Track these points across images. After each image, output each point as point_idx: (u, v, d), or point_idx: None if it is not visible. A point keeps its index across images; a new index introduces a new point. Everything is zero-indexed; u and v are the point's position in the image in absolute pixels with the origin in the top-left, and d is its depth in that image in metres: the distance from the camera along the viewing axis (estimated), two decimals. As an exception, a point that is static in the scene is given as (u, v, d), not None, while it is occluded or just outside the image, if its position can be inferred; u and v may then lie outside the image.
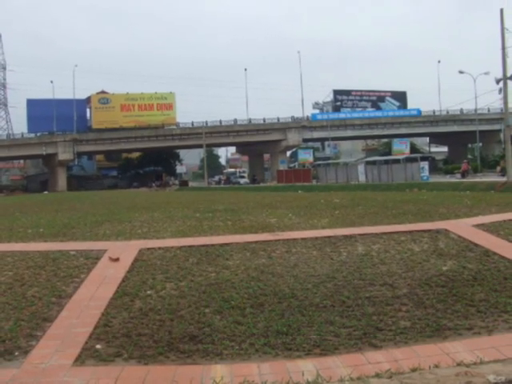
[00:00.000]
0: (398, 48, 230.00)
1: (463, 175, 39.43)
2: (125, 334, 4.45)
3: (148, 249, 7.29)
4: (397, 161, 40.79)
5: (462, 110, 76.73)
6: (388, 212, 11.65)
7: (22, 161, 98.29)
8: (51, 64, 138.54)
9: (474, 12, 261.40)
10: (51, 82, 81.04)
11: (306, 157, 75.25)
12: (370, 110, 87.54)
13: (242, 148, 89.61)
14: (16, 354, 4.13)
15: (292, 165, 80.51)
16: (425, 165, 36.51)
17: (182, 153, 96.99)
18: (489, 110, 70.08)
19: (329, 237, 7.81)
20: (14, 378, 3.68)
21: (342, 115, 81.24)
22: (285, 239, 7.72)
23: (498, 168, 41.87)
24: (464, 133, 75.40)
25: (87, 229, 10.32)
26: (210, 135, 71.98)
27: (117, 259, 6.66)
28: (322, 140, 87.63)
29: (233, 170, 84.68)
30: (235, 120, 77.85)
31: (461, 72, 56.08)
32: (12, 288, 5.66)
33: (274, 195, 25.17)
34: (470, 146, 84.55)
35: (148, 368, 3.86)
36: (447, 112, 78.25)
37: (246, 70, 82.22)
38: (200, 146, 72.79)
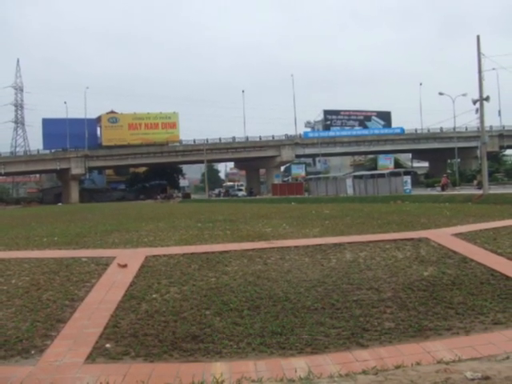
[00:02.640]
0: (384, 72, 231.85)
1: (443, 188, 39.51)
2: (132, 334, 4.45)
3: (153, 256, 7.30)
4: (382, 175, 40.74)
5: (441, 128, 77.19)
6: (374, 222, 11.68)
7: (37, 175, 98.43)
8: (65, 86, 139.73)
9: (454, 38, 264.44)
10: (65, 102, 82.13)
11: (299, 171, 75.33)
12: (358, 128, 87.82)
13: (239, 163, 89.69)
14: (32, 352, 4.13)
15: (286, 179, 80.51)
16: (407, 179, 36.53)
17: (185, 168, 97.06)
18: (466, 129, 70.37)
19: (319, 245, 7.84)
20: (31, 375, 3.68)
21: (331, 133, 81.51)
22: (279, 247, 7.74)
23: (475, 182, 42.02)
24: (444, 149, 75.75)
25: (98, 237, 10.32)
26: (211, 151, 72.12)
27: (125, 265, 6.67)
28: (314, 156, 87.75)
29: (231, 183, 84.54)
30: (234, 138, 78.08)
31: (441, 93, 56.54)
32: (29, 292, 5.67)
33: (270, 207, 25.17)
34: (449, 161, 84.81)
35: (153, 365, 3.86)
36: (428, 130, 78.68)
37: (243, 91, 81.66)
38: (201, 162, 72.81)
